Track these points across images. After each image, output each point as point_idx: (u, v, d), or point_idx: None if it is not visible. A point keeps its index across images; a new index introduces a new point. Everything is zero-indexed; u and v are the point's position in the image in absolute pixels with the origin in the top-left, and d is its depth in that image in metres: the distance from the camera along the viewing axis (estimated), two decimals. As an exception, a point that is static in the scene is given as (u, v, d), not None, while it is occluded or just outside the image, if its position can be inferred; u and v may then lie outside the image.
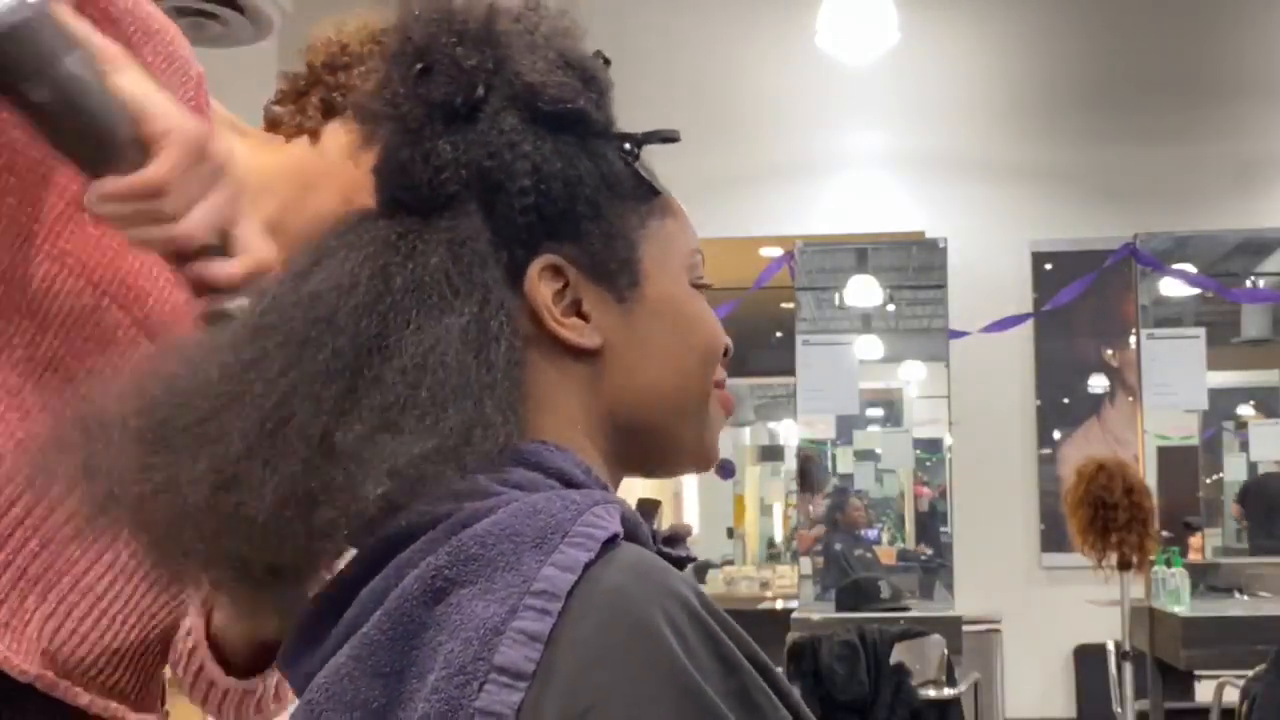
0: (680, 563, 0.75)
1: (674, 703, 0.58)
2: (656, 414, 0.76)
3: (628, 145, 0.76)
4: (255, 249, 0.89)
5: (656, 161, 0.79)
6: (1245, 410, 5.51)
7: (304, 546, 0.66)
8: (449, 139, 0.72)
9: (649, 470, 0.79)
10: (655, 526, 0.76)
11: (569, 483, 0.70)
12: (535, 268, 0.73)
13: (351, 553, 0.71)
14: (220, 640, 1.01)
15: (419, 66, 0.72)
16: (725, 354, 0.80)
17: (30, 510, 0.94)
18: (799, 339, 5.16)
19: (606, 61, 0.78)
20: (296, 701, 0.67)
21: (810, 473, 5.43)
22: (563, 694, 0.58)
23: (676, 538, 0.77)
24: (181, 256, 0.88)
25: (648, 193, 0.77)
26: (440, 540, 0.64)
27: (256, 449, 0.66)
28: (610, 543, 0.64)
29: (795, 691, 0.66)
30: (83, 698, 0.97)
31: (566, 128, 0.73)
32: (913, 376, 5.61)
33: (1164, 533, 4.48)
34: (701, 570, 7.24)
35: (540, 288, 0.72)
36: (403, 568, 0.65)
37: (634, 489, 0.81)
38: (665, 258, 0.77)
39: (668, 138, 0.78)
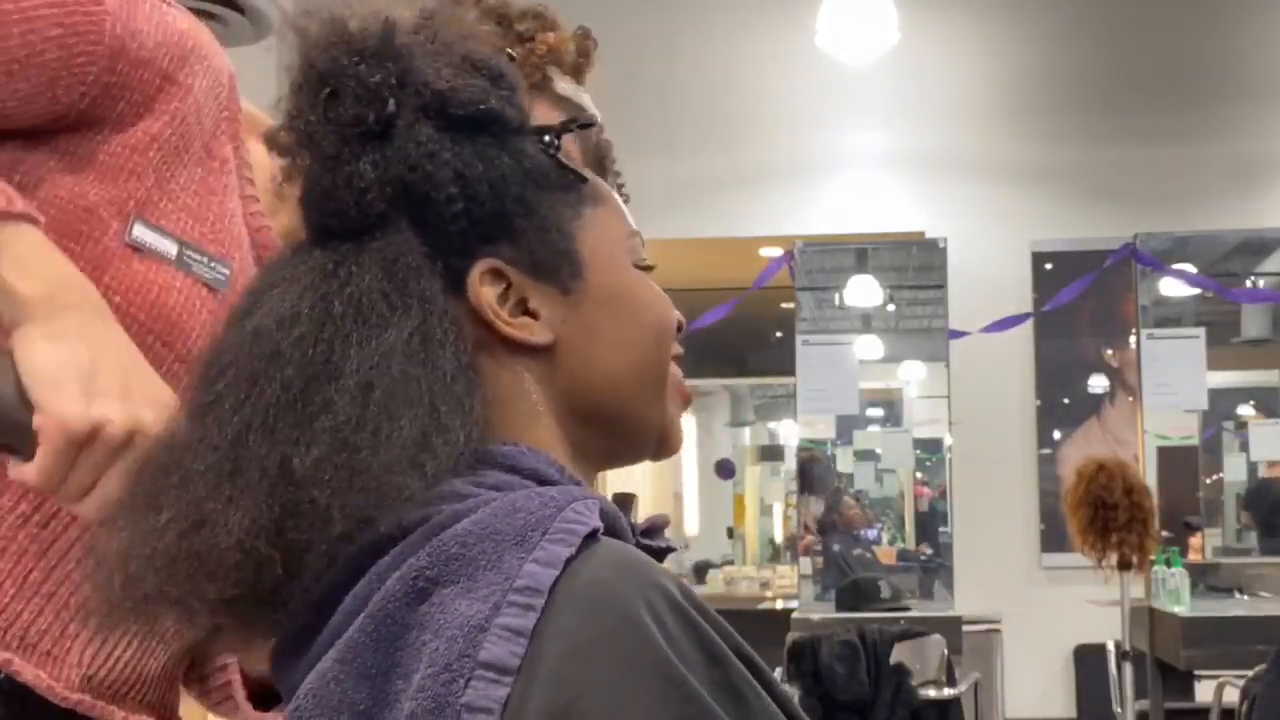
0: (660, 554, 0.76)
1: (658, 693, 0.58)
2: (616, 400, 0.77)
3: (547, 137, 0.77)
4: None
5: (654, 162, 0.79)
6: (1245, 410, 5.51)
7: (280, 573, 0.66)
8: (368, 159, 0.71)
9: (615, 459, 0.79)
10: (632, 520, 0.76)
11: (544, 482, 0.71)
12: (475, 273, 0.73)
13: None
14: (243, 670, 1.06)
15: (325, 91, 0.72)
16: (679, 330, 0.81)
17: (72, 545, 0.96)
18: (799, 339, 5.15)
19: (512, 58, 0.78)
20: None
21: (812, 474, 5.43)
22: (548, 687, 0.59)
23: (655, 529, 0.77)
24: None
25: (574, 182, 0.77)
26: (420, 543, 0.65)
27: (219, 488, 0.66)
28: (591, 537, 0.64)
29: (780, 683, 0.67)
30: (118, 715, 1.00)
31: (482, 129, 0.74)
32: (913, 376, 5.61)
33: (1164, 533, 4.47)
34: (701, 570, 7.24)
35: (483, 292, 0.73)
36: (384, 572, 0.65)
37: (630, 487, 0.81)
38: (604, 244, 0.77)
39: (585, 124, 0.79)
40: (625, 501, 0.76)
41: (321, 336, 0.68)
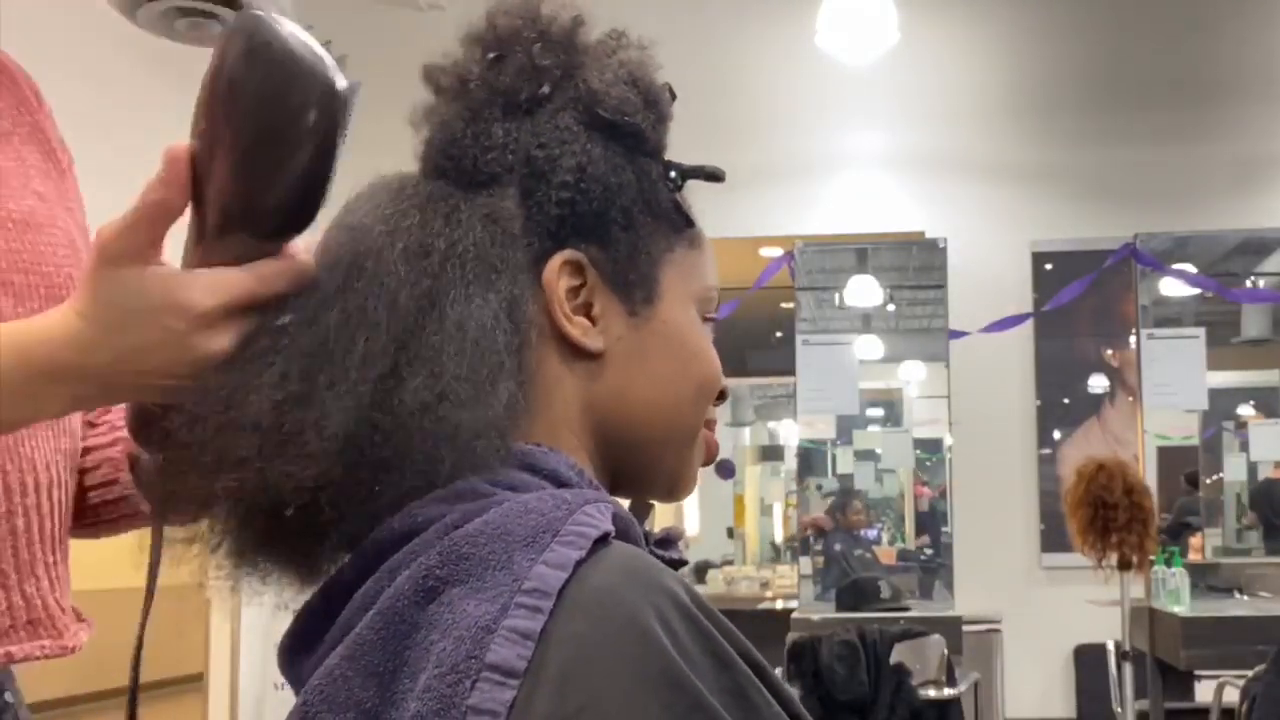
0: (673, 565, 0.75)
1: (666, 700, 0.58)
2: (643, 433, 0.77)
3: (674, 173, 0.78)
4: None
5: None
6: (1245, 410, 5.50)
7: (365, 494, 0.67)
8: (502, 125, 0.74)
9: (621, 487, 0.79)
10: (648, 529, 0.76)
11: (561, 484, 0.71)
12: (558, 259, 0.74)
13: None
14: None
15: (493, 54, 0.75)
16: (721, 396, 0.81)
17: None
18: (799, 339, 5.15)
19: (673, 95, 0.80)
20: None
21: (812, 462, 5.43)
22: (555, 692, 0.58)
23: (669, 540, 0.77)
24: None
25: (683, 222, 0.79)
26: (432, 541, 0.65)
27: (317, 372, 0.67)
28: (602, 541, 0.64)
29: (790, 689, 0.66)
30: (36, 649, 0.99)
31: (619, 139, 0.75)
32: (913, 376, 5.60)
33: (1164, 516, 4.48)
34: (701, 570, 7.24)
35: (559, 280, 0.74)
36: (395, 569, 0.65)
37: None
38: (683, 285, 0.79)
39: (713, 175, 0.80)
40: (641, 510, 0.77)
41: (424, 265, 0.70)
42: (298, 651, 0.70)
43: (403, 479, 0.67)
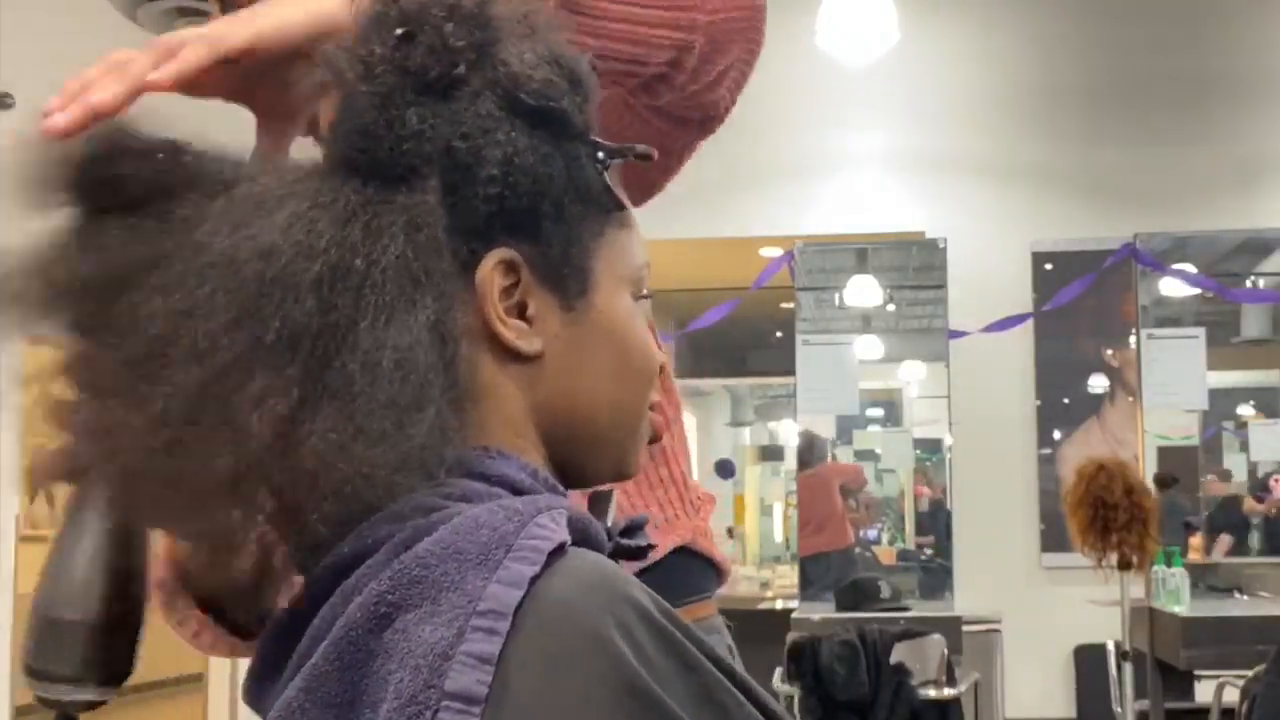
0: (640, 552, 0.74)
1: (632, 714, 0.57)
2: (590, 426, 0.75)
3: (602, 154, 0.74)
4: None
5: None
6: (1245, 410, 5.50)
7: (257, 543, 0.65)
8: (416, 110, 0.68)
9: (569, 479, 0.76)
10: (610, 520, 0.74)
11: (515, 489, 0.68)
12: (490, 260, 0.70)
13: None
14: None
15: (401, 31, 0.69)
16: (661, 372, 0.80)
17: None
18: (799, 339, 5.16)
19: (594, 68, 0.75)
20: None
21: (811, 454, 5.43)
22: (518, 715, 0.57)
23: (634, 527, 0.75)
24: None
25: (613, 205, 0.75)
26: (383, 562, 0.62)
27: (202, 410, 0.62)
28: (557, 552, 0.61)
29: (763, 689, 0.65)
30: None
31: (544, 124, 0.71)
32: (913, 376, 5.61)
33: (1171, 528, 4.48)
34: (701, 570, 7.24)
35: (492, 281, 0.70)
36: (348, 595, 0.62)
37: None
38: (615, 270, 0.75)
39: (643, 155, 0.76)
40: (601, 500, 0.74)
41: (340, 287, 0.64)
42: (262, 680, 0.68)
43: (317, 519, 0.64)
